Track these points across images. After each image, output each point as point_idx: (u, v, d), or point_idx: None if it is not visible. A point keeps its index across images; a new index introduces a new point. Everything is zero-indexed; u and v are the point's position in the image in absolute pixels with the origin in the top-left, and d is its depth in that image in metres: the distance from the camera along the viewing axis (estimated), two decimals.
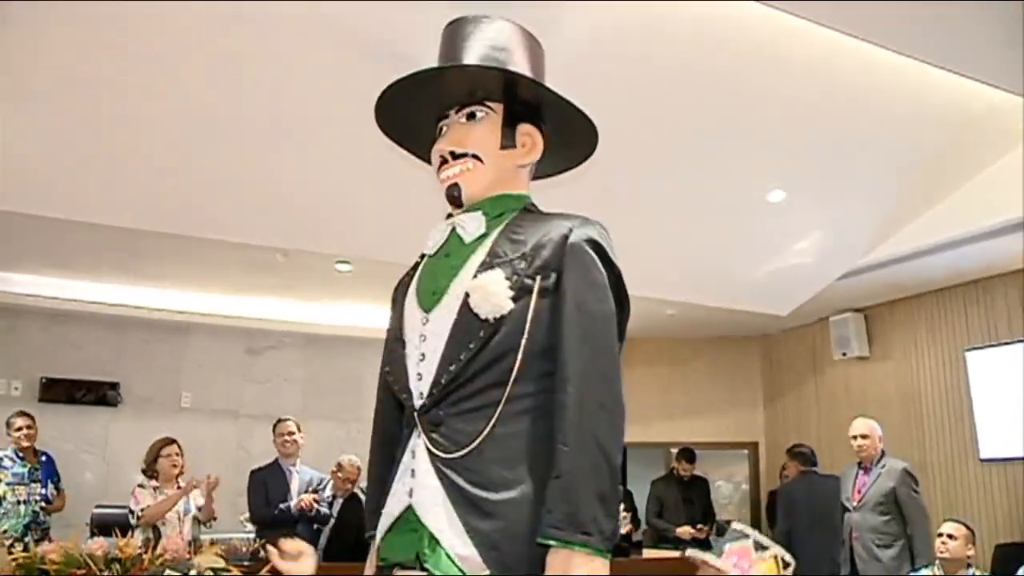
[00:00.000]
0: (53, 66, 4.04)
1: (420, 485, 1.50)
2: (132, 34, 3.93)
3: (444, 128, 1.73)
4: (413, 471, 1.51)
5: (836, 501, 5.25)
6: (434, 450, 1.49)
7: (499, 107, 1.71)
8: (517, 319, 1.49)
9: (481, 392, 1.49)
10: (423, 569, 1.46)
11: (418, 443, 1.52)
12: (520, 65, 1.70)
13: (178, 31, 3.94)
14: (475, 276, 1.53)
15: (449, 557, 1.43)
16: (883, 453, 5.14)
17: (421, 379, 1.55)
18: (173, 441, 5.12)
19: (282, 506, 5.35)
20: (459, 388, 1.50)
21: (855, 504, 5.11)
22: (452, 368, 1.50)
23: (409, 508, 1.50)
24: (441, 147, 1.70)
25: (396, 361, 1.62)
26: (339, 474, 5.75)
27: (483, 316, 1.49)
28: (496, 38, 1.73)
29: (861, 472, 5.17)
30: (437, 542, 1.46)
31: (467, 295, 1.51)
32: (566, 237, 1.57)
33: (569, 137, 1.80)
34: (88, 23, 3.84)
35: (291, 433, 5.64)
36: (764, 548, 1.73)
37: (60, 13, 3.76)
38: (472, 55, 1.70)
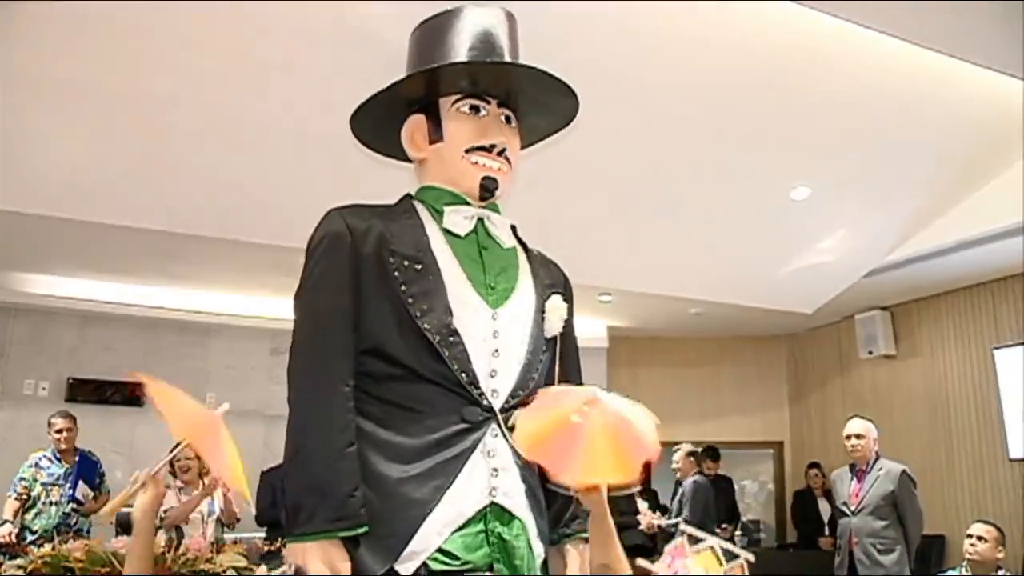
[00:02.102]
0: (87, 75, 4.10)
1: (511, 487, 1.52)
2: (165, 45, 3.99)
3: (483, 112, 1.67)
4: (496, 470, 1.51)
5: None
6: (518, 452, 1.53)
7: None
8: (552, 342, 1.67)
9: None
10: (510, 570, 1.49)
11: (496, 442, 1.52)
12: None
13: (213, 41, 3.99)
14: (546, 297, 1.67)
15: (535, 558, 1.54)
16: (877, 455, 4.96)
17: (495, 377, 1.55)
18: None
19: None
20: (529, 395, 1.58)
21: (853, 508, 4.93)
22: (534, 376, 1.61)
23: (489, 507, 1.50)
24: (501, 139, 1.66)
25: (458, 345, 1.52)
26: None
27: (547, 334, 1.64)
28: (516, 43, 1.75)
29: (856, 475, 4.99)
30: (528, 542, 1.53)
31: (542, 311, 1.65)
32: (566, 280, 1.80)
33: None
34: (125, 34, 3.90)
35: None
36: (698, 541, 1.71)
37: (98, 24, 3.81)
38: (516, 56, 1.71)
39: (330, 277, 1.54)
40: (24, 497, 5.54)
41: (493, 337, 1.55)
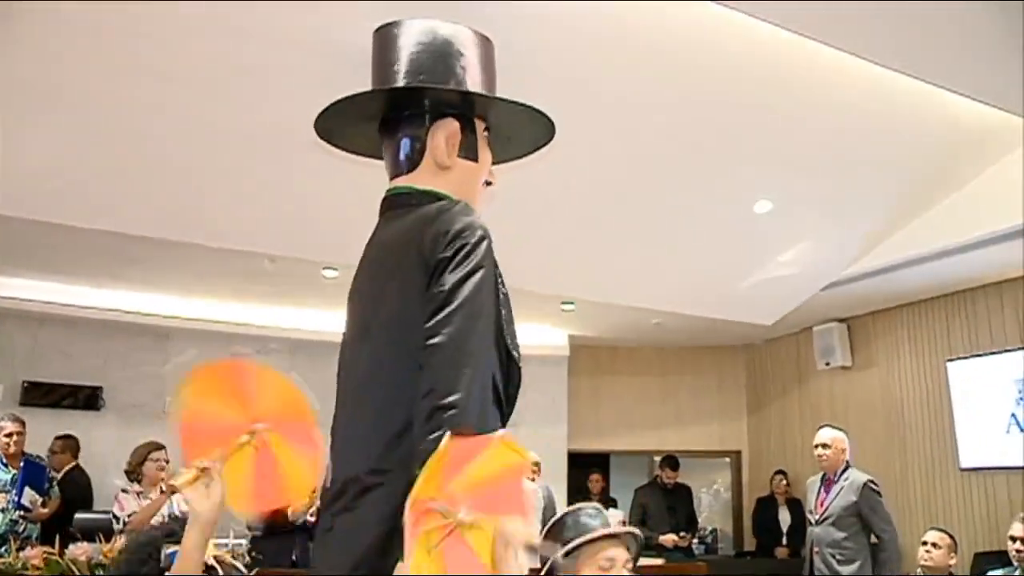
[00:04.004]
0: (46, 75, 4.05)
1: None
2: (131, 47, 3.95)
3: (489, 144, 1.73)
4: None
5: None
6: None
7: None
8: None
9: None
10: None
11: None
12: None
13: (170, 41, 3.95)
14: None
15: None
16: (847, 465, 4.95)
17: None
18: (162, 446, 5.08)
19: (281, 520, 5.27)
20: None
21: (817, 517, 4.92)
22: None
23: None
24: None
25: None
26: None
27: None
28: None
29: (824, 484, 4.98)
30: None
31: None
32: None
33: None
34: (89, 36, 3.86)
35: None
36: None
37: (61, 25, 3.77)
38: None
39: (497, 283, 1.49)
40: None
41: None
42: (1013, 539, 4.21)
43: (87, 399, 7.21)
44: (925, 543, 4.34)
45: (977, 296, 6.77)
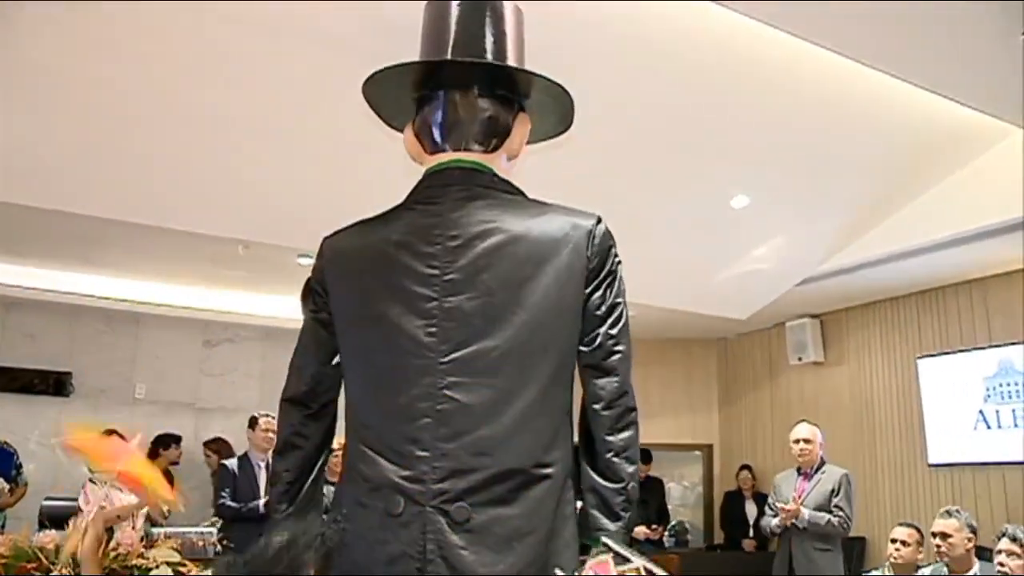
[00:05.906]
0: (14, 53, 3.97)
1: None
2: (102, 27, 3.88)
3: None
4: None
5: None
6: None
7: None
8: None
9: None
10: None
11: None
12: None
13: (147, 27, 3.90)
14: None
15: None
16: (823, 460, 5.07)
17: None
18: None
19: (251, 504, 5.26)
20: None
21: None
22: None
23: None
24: None
25: None
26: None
27: None
28: None
29: (801, 477, 5.07)
30: None
31: None
32: None
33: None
34: (62, 15, 3.78)
35: (275, 431, 5.59)
36: (627, 561, 1.63)
37: (34, 4, 3.70)
38: None
39: None
40: None
41: None
42: (893, 540, 4.38)
43: (56, 384, 7.12)
44: (894, 540, 4.38)
45: (948, 294, 6.85)
